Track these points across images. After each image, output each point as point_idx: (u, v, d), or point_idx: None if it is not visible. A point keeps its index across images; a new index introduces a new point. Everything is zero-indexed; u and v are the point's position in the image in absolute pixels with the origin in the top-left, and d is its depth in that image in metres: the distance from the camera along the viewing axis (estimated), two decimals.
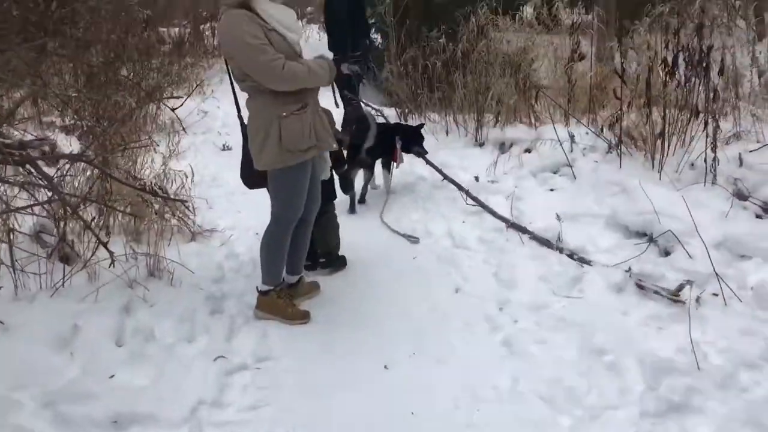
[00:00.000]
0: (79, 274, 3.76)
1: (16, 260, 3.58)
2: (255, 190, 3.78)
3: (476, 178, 5.60)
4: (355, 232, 4.70)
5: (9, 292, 3.54)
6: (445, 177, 5.53)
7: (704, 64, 4.80)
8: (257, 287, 3.70)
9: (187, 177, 4.66)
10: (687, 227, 3.98)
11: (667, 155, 4.92)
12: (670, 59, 4.84)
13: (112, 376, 3.02)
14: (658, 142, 4.94)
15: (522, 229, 4.53)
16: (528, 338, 3.32)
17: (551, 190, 5.17)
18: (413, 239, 4.70)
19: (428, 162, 5.76)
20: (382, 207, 5.29)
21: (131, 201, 4.34)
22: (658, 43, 5.16)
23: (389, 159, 5.65)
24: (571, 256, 4.11)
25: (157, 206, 4.34)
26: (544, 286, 3.82)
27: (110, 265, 3.62)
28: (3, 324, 3.21)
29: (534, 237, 4.42)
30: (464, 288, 3.90)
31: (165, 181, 4.59)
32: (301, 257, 3.88)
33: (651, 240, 4.15)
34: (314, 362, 3.24)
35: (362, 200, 5.57)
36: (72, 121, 6.18)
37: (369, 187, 5.67)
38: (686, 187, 4.56)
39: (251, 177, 3.63)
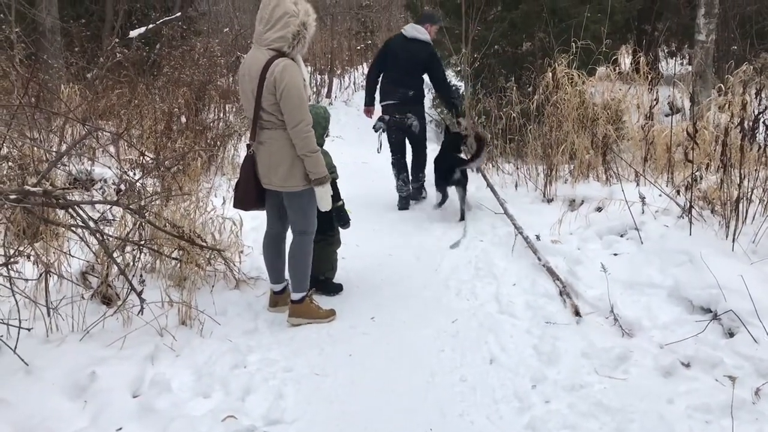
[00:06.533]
0: (114, 318, 3.80)
1: (52, 302, 3.65)
2: None
3: (537, 237, 5.34)
4: (401, 286, 4.61)
5: (42, 333, 3.60)
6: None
7: None
8: (291, 299, 4.15)
9: (235, 224, 4.67)
10: (757, 306, 3.60)
11: (743, 223, 4.49)
12: (750, 120, 4.47)
13: (120, 429, 2.98)
14: (734, 208, 4.53)
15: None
16: (556, 422, 3.02)
17: (615, 254, 4.83)
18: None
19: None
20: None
21: (180, 246, 4.38)
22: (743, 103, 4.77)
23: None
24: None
25: (207, 254, 4.37)
26: (587, 363, 3.50)
27: (139, 312, 3.63)
28: (27, 365, 3.25)
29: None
30: (500, 359, 3.63)
31: (213, 227, 4.61)
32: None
33: (714, 317, 3.78)
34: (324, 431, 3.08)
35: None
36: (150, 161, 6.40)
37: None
38: (762, 260, 4.15)
39: (253, 198, 4.05)
